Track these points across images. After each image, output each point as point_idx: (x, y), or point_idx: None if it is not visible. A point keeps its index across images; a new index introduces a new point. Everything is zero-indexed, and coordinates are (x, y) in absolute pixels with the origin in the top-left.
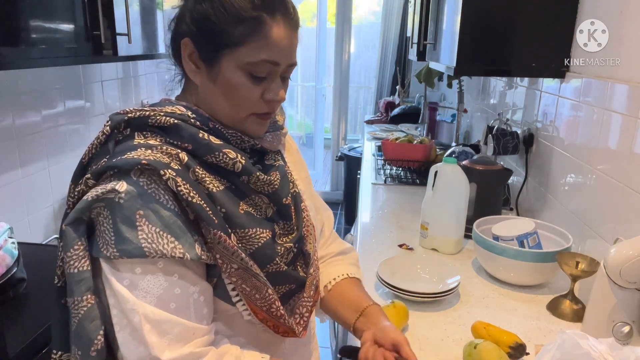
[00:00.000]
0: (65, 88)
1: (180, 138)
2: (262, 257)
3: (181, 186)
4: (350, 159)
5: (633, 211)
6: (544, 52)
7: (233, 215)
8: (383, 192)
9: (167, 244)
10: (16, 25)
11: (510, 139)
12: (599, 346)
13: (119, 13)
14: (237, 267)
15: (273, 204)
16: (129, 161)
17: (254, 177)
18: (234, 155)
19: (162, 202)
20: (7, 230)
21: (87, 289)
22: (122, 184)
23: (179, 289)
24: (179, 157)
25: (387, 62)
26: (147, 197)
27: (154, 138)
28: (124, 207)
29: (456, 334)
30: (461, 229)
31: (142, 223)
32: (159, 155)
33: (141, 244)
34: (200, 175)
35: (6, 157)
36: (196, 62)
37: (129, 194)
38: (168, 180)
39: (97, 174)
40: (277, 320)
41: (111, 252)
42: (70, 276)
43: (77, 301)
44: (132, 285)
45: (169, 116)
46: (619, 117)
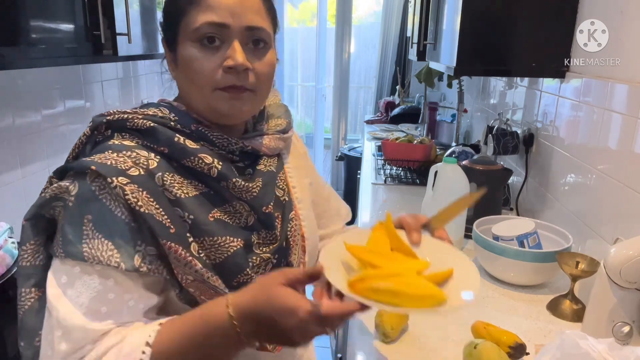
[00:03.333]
0: (65, 88)
1: (156, 141)
2: (232, 266)
3: (129, 195)
4: (350, 159)
5: (633, 211)
6: (544, 52)
7: (201, 222)
8: (383, 192)
9: (106, 251)
10: (16, 25)
11: (510, 139)
12: (599, 346)
13: (119, 13)
14: (193, 278)
15: (254, 212)
16: (83, 164)
17: (231, 183)
18: (210, 160)
19: (110, 209)
20: (7, 230)
21: (34, 284)
22: (74, 186)
23: (113, 294)
24: (148, 162)
25: (387, 62)
26: (96, 202)
27: (130, 140)
28: (73, 210)
29: (456, 334)
30: (461, 229)
31: (88, 228)
32: (122, 159)
33: (82, 248)
34: (168, 181)
35: (6, 157)
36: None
37: (79, 197)
38: (115, 187)
39: (59, 172)
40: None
41: (59, 252)
42: (21, 269)
43: (23, 293)
44: (69, 284)
45: (147, 119)
46: (619, 117)
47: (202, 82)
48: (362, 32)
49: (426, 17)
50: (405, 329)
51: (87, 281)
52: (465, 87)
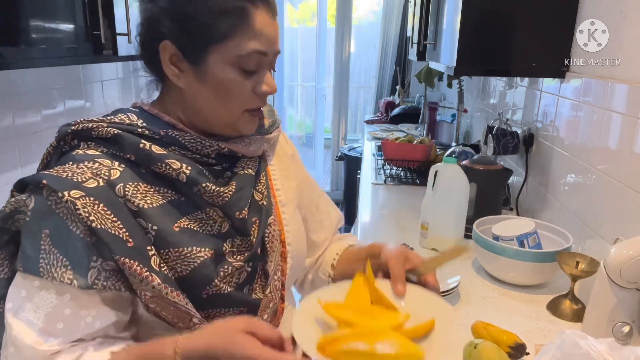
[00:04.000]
0: (65, 88)
1: (121, 148)
2: (199, 278)
3: (80, 209)
4: (350, 159)
5: (633, 211)
6: (544, 52)
7: (166, 233)
8: (383, 192)
9: (60, 267)
10: (16, 25)
11: (510, 139)
12: (599, 346)
13: (119, 13)
14: (151, 294)
15: (227, 218)
16: (35, 178)
17: (201, 188)
18: (177, 165)
19: (66, 224)
20: None
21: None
22: (30, 200)
23: (69, 310)
24: (110, 172)
25: (387, 62)
26: (53, 217)
27: (94, 149)
28: (31, 224)
29: (456, 334)
30: (461, 229)
31: (46, 243)
32: (81, 170)
33: (39, 263)
34: (130, 191)
35: (6, 157)
36: (178, 64)
37: (35, 212)
38: (67, 202)
39: (18, 185)
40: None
41: (19, 265)
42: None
43: None
44: (28, 298)
45: (112, 126)
46: (619, 117)
47: (235, 104)
48: (362, 32)
49: (426, 17)
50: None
51: (45, 296)
52: (465, 87)
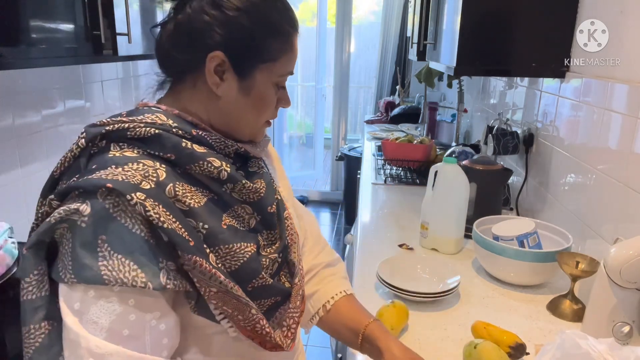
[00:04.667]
0: (65, 88)
1: (162, 148)
2: (248, 272)
3: (150, 210)
4: (350, 159)
5: (633, 211)
6: (544, 52)
7: (216, 231)
8: (383, 192)
9: (129, 272)
10: (16, 25)
11: (510, 139)
12: (599, 346)
13: (119, 13)
14: (217, 290)
15: (257, 214)
16: (94, 182)
17: (239, 185)
18: (218, 163)
19: (127, 227)
20: (7, 230)
21: (44, 317)
22: (85, 206)
23: (134, 315)
24: (157, 172)
25: (387, 62)
26: (111, 221)
27: (130, 150)
28: (86, 231)
29: (456, 334)
30: (461, 229)
31: (104, 249)
32: (130, 173)
33: (100, 271)
34: (180, 191)
35: (6, 157)
36: (221, 74)
37: (92, 217)
38: (136, 204)
39: (61, 194)
40: (262, 337)
41: (68, 277)
42: (26, 303)
43: (32, 330)
44: (83, 310)
45: (150, 126)
46: (619, 117)
47: (265, 115)
48: (362, 32)
49: (426, 17)
50: (406, 329)
51: (105, 305)
52: (465, 87)
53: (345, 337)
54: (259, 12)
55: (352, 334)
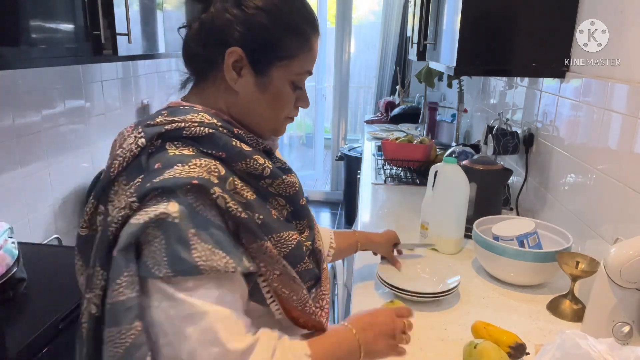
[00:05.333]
0: (65, 88)
1: (215, 147)
2: (295, 258)
3: (229, 202)
4: (350, 159)
5: (633, 211)
6: (544, 52)
7: (269, 221)
8: (383, 192)
9: (220, 259)
10: (16, 25)
11: (510, 139)
12: (599, 346)
13: (119, 13)
14: (279, 272)
15: (289, 205)
16: (177, 181)
17: (279, 180)
18: (262, 161)
19: (210, 220)
20: (7, 230)
21: (135, 316)
22: (173, 204)
23: (229, 297)
24: (217, 168)
25: (387, 62)
26: (196, 216)
27: (186, 148)
28: (177, 227)
29: (456, 334)
30: (461, 229)
31: (195, 242)
32: (197, 170)
33: (196, 262)
34: (237, 185)
35: (6, 157)
36: (239, 70)
37: (180, 214)
38: (217, 198)
39: (141, 195)
40: (309, 316)
41: (164, 272)
42: (118, 305)
43: (124, 330)
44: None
45: (203, 126)
46: (619, 117)
47: (283, 113)
48: (362, 32)
49: (426, 17)
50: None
51: (205, 292)
52: (465, 87)
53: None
54: (277, 12)
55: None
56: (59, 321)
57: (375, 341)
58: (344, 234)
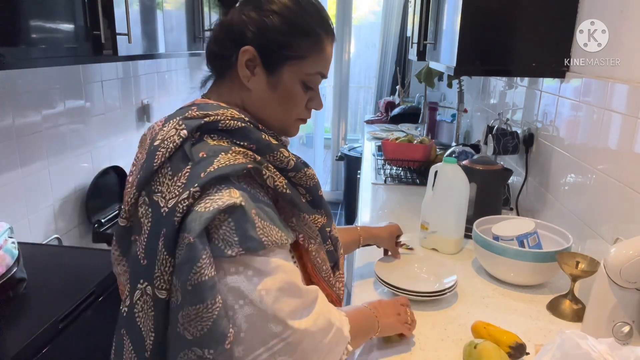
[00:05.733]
0: (65, 88)
1: (247, 139)
2: (323, 236)
3: (277, 181)
4: (350, 158)
5: (633, 211)
6: (544, 52)
7: (298, 201)
8: (383, 192)
9: (277, 233)
10: (16, 25)
11: (510, 138)
12: (599, 346)
13: (119, 13)
14: (315, 243)
15: (309, 195)
16: (234, 168)
17: (302, 173)
18: (287, 154)
19: (263, 200)
20: (7, 230)
21: (216, 293)
22: (234, 190)
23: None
24: (254, 156)
25: (387, 62)
26: (254, 197)
27: (222, 140)
28: (243, 210)
29: (456, 334)
30: (461, 229)
31: (257, 221)
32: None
33: (261, 238)
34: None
35: (6, 157)
36: (252, 68)
37: (243, 197)
38: (268, 178)
39: (203, 185)
40: (331, 288)
41: (236, 251)
42: (202, 284)
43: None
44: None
45: (236, 120)
46: (619, 117)
47: (293, 112)
48: (362, 32)
49: (426, 17)
50: None
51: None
52: (465, 87)
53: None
54: (291, 14)
55: (355, 245)
56: (59, 321)
57: (387, 315)
58: (346, 230)
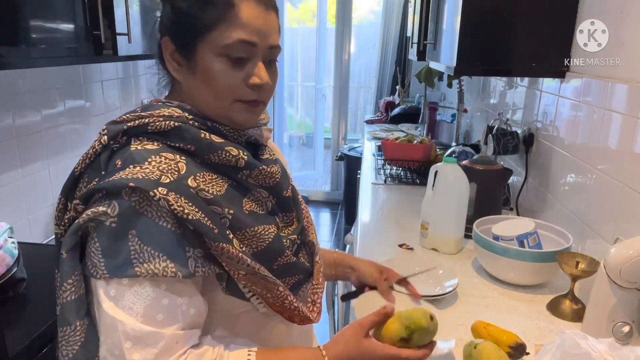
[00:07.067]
0: (65, 88)
1: (182, 140)
2: (273, 252)
3: (174, 204)
4: (350, 159)
5: (633, 211)
6: (544, 52)
7: (240, 215)
8: (383, 192)
9: (159, 262)
10: (16, 25)
11: (510, 138)
12: (599, 346)
13: (119, 13)
14: (245, 272)
15: (272, 197)
16: (115, 183)
17: (257, 171)
18: (236, 152)
19: (154, 221)
20: (7, 230)
21: (84, 314)
22: (113, 206)
23: (167, 299)
24: (177, 166)
25: (387, 62)
26: (139, 217)
27: (150, 143)
28: (115, 229)
29: (456, 334)
30: (461, 228)
31: (135, 243)
32: (148, 170)
33: (133, 264)
34: (200, 182)
35: (6, 157)
36: (177, 59)
37: (122, 216)
38: (160, 200)
39: (85, 197)
40: (291, 312)
41: (101, 273)
42: (68, 305)
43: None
44: (118, 296)
45: (169, 120)
46: (619, 117)
47: (224, 95)
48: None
49: (426, 17)
50: None
51: (139, 290)
52: (465, 87)
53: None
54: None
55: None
56: None
57: None
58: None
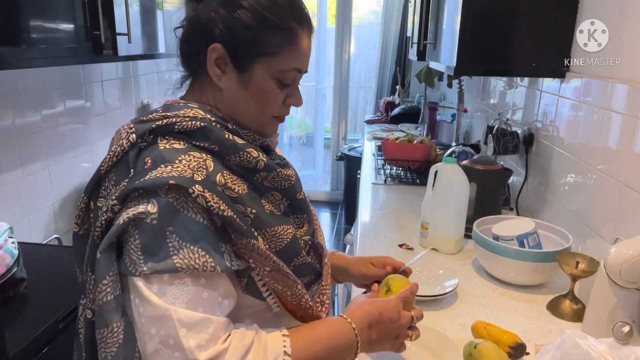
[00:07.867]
0: (65, 88)
1: (207, 140)
2: (291, 252)
3: (211, 201)
4: (350, 158)
5: (633, 211)
6: (544, 52)
7: (262, 215)
8: (383, 192)
9: (199, 258)
10: (16, 25)
11: (510, 138)
12: (599, 346)
13: (119, 13)
14: (270, 269)
15: (286, 199)
16: (155, 182)
17: (274, 173)
18: (256, 154)
19: (191, 217)
20: (7, 230)
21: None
22: (152, 205)
23: (206, 293)
24: (206, 164)
25: (387, 62)
26: (176, 213)
27: (177, 142)
28: (154, 226)
29: (456, 334)
30: (461, 228)
31: (173, 239)
32: (180, 168)
33: (173, 260)
34: (227, 180)
35: (6, 157)
36: (222, 67)
37: (161, 213)
38: (197, 197)
39: (122, 197)
40: (305, 311)
41: (140, 270)
42: (105, 305)
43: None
44: (161, 292)
45: (194, 120)
46: (619, 117)
47: (268, 111)
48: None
49: (426, 17)
50: None
51: (180, 285)
52: (465, 87)
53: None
54: (259, 8)
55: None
56: (59, 321)
57: (380, 341)
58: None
